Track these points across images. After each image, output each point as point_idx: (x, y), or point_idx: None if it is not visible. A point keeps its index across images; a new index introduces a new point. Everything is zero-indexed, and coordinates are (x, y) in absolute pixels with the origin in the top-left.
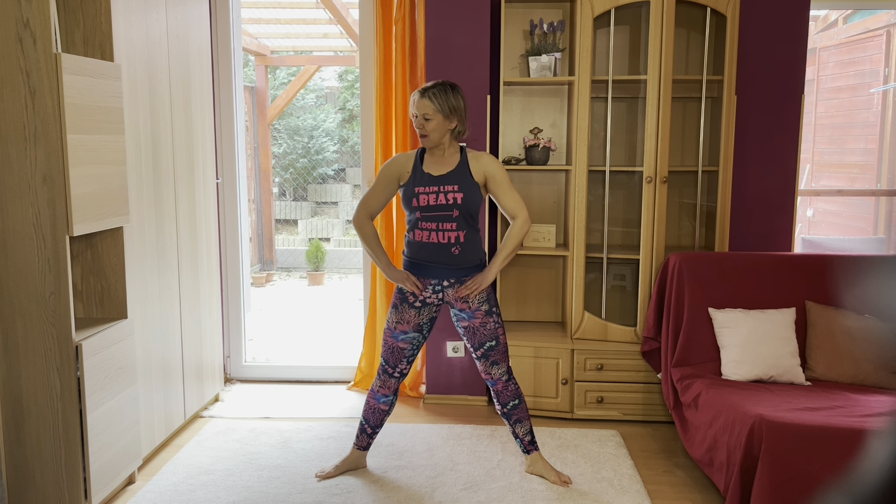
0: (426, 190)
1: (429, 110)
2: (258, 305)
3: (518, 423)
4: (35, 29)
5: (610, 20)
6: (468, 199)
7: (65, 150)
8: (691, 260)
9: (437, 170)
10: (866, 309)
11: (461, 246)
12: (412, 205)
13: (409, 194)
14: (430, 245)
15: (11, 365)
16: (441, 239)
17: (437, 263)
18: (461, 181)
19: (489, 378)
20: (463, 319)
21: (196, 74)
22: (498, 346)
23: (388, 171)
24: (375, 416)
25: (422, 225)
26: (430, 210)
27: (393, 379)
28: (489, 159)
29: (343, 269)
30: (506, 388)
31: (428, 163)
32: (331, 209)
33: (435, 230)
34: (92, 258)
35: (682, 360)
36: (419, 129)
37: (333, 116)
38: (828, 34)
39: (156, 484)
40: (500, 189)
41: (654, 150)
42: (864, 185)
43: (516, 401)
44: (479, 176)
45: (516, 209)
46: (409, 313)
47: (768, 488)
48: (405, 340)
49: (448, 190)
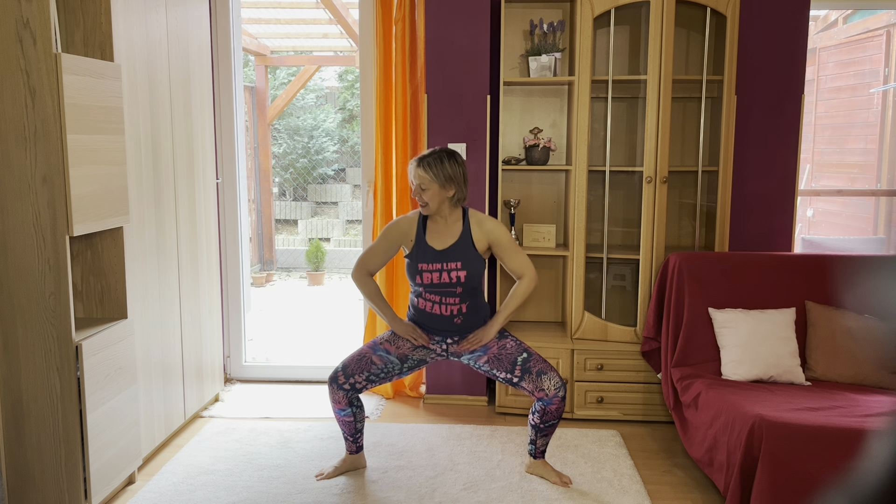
0: (430, 268)
1: (424, 180)
2: (258, 305)
3: (544, 437)
4: (35, 29)
5: (610, 20)
6: (471, 275)
7: (65, 150)
8: (691, 260)
9: (440, 242)
10: (866, 309)
11: (464, 316)
12: (416, 281)
13: (412, 270)
14: (433, 315)
15: (11, 365)
16: (444, 311)
17: (441, 331)
18: (464, 256)
19: (544, 396)
20: (480, 357)
21: (196, 74)
22: (532, 356)
23: (391, 235)
24: (347, 427)
25: (426, 296)
26: (434, 287)
27: (342, 391)
28: (492, 225)
29: (343, 269)
30: (561, 406)
31: (431, 232)
32: (331, 209)
33: (438, 303)
34: (92, 258)
35: (682, 360)
36: (416, 198)
37: (333, 116)
38: (828, 34)
39: (156, 484)
40: (506, 253)
41: (654, 150)
42: (864, 185)
43: (557, 421)
44: (483, 244)
45: (523, 269)
46: (404, 345)
47: (768, 488)
48: (381, 358)
49: (451, 268)
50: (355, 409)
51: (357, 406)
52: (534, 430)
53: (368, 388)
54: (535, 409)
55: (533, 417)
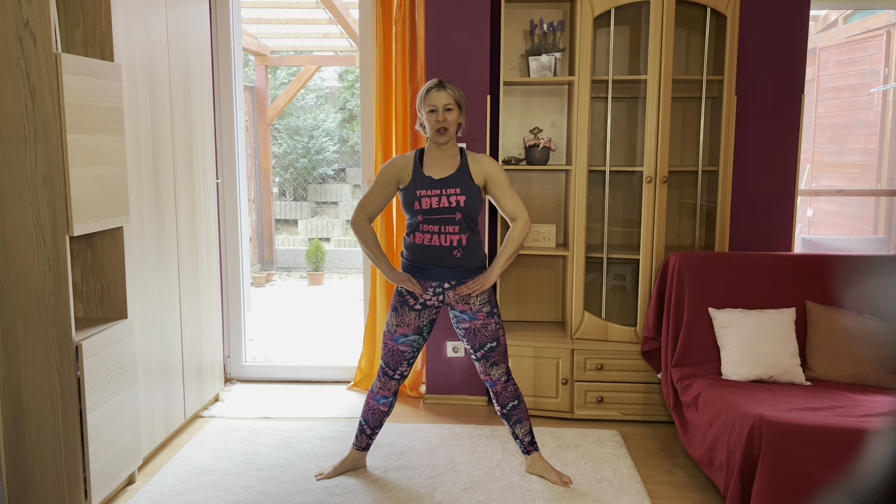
0: (428, 193)
1: (450, 101)
2: (258, 305)
3: (518, 424)
4: (35, 29)
5: (610, 20)
6: (470, 201)
7: (65, 150)
8: (691, 260)
9: (438, 172)
10: (866, 309)
11: (463, 249)
12: (414, 208)
13: (410, 197)
14: (431, 248)
15: (11, 365)
16: (443, 242)
17: (439, 266)
18: (463, 184)
19: (488, 379)
20: (464, 321)
21: (196, 74)
22: (498, 348)
23: (387, 173)
24: (375, 418)
25: (423, 228)
26: (433, 213)
27: (393, 381)
28: (489, 161)
29: (343, 269)
30: (505, 389)
31: (428, 165)
32: (331, 209)
33: (437, 233)
34: (92, 258)
35: (682, 360)
36: (439, 123)
37: (333, 116)
38: (828, 34)
39: (156, 484)
40: (501, 191)
41: (654, 150)
42: (864, 185)
43: (515, 402)
44: (479, 179)
45: (516, 211)
46: (408, 316)
47: (768, 488)
48: (405, 343)
49: (450, 193)
50: (394, 400)
51: (396, 397)
52: (505, 420)
53: (409, 371)
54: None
55: (497, 409)
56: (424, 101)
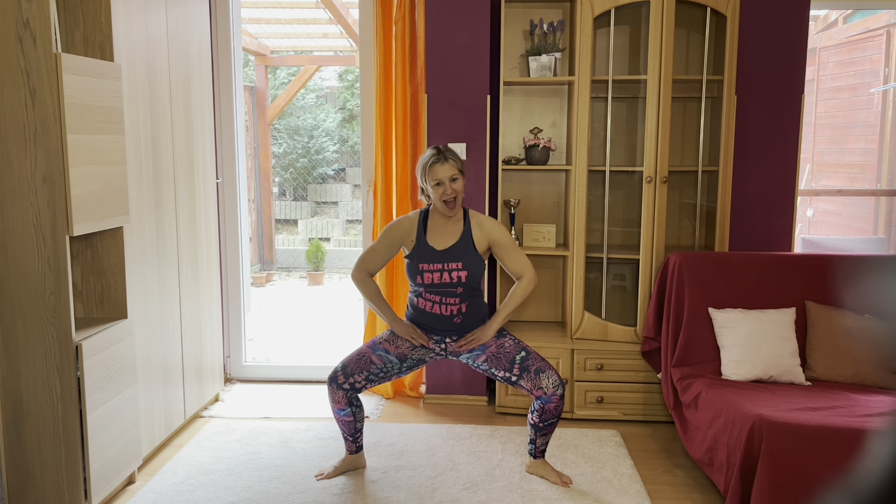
0: (430, 268)
1: (454, 171)
2: (258, 305)
3: (544, 437)
4: (35, 29)
5: (610, 20)
6: (472, 275)
7: (65, 150)
8: (691, 260)
9: (441, 242)
10: (866, 309)
11: (463, 316)
12: (416, 281)
13: (413, 271)
14: (433, 315)
15: (11, 365)
16: (444, 311)
17: (440, 329)
18: (465, 257)
19: (542, 394)
20: (479, 356)
21: (196, 74)
22: (531, 354)
23: (392, 236)
24: (347, 427)
25: (426, 296)
26: (434, 287)
27: (341, 391)
28: (492, 226)
29: (343, 269)
30: (559, 404)
31: (431, 232)
32: (331, 209)
33: (439, 303)
34: (92, 258)
35: (682, 360)
36: (448, 196)
37: (333, 116)
38: (828, 34)
39: (156, 484)
40: (506, 253)
41: (654, 150)
42: (864, 185)
43: (556, 420)
44: (483, 244)
45: (522, 270)
46: (403, 344)
47: (768, 488)
48: (381, 358)
49: (452, 268)
50: (355, 409)
51: (356, 406)
52: (533, 429)
53: (368, 387)
54: (534, 409)
55: (532, 416)
56: (428, 175)
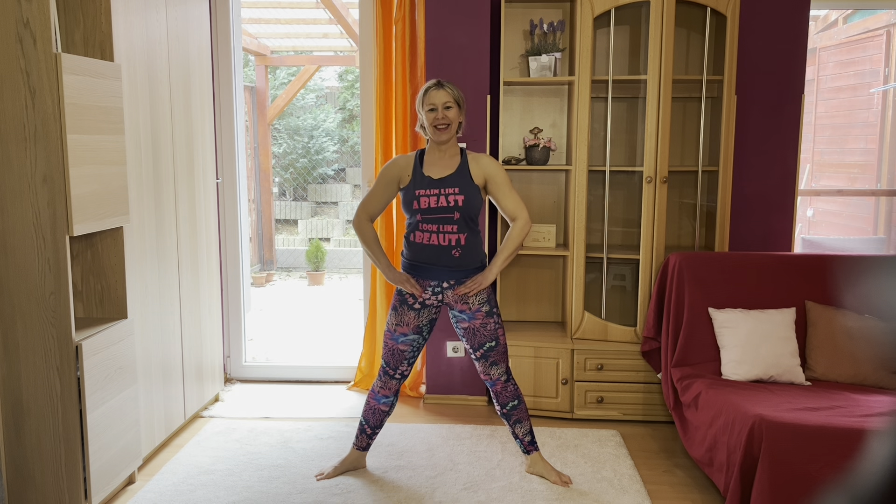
0: (427, 192)
1: (449, 99)
2: (258, 305)
3: (518, 424)
4: (35, 29)
5: (610, 20)
6: (469, 201)
7: (65, 150)
8: (691, 260)
9: (438, 172)
10: (866, 309)
11: (462, 248)
12: (413, 207)
13: (409, 197)
14: (430, 247)
15: (11, 365)
16: (442, 241)
17: (437, 265)
18: (462, 184)
19: (488, 379)
20: (463, 321)
21: (196, 74)
22: (497, 347)
23: (388, 173)
24: (375, 417)
25: (422, 227)
26: (431, 212)
27: (394, 381)
28: (489, 161)
29: (343, 269)
30: (505, 389)
31: (428, 165)
32: (331, 209)
33: (436, 232)
34: (92, 258)
35: (682, 360)
36: (440, 121)
37: (333, 116)
38: (828, 34)
39: (156, 484)
40: (500, 191)
41: (654, 150)
42: (864, 185)
43: (515, 401)
44: (479, 178)
45: (516, 210)
46: (408, 315)
47: (768, 488)
48: (405, 343)
49: (449, 192)
50: (395, 399)
51: (397, 396)
52: (505, 420)
53: (410, 370)
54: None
55: (497, 409)
56: (424, 101)
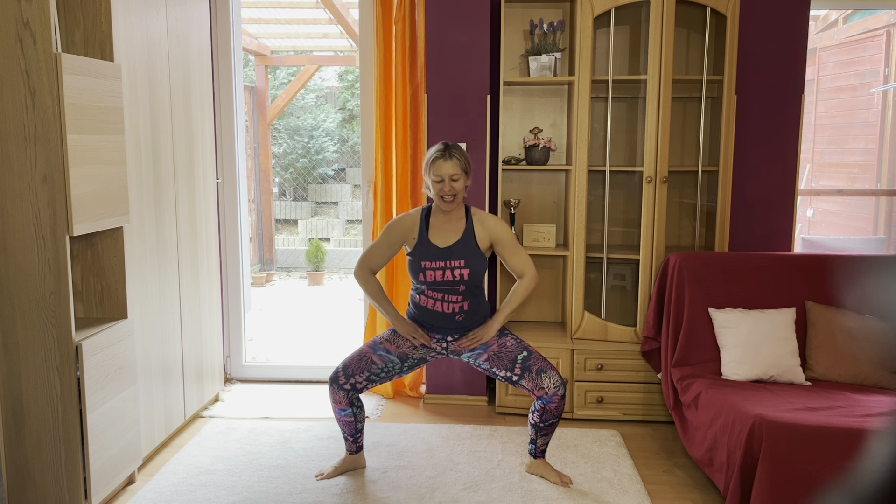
0: (433, 266)
1: (457, 170)
2: (258, 305)
3: (544, 437)
4: (35, 29)
5: (610, 20)
6: (474, 272)
7: (65, 150)
8: (691, 260)
9: (443, 240)
10: (866, 309)
11: (465, 314)
12: (419, 279)
13: (415, 268)
14: (435, 313)
15: (11, 365)
16: (446, 309)
17: (443, 327)
18: (467, 254)
19: (543, 394)
20: (481, 355)
21: (196, 74)
22: (532, 354)
23: (393, 233)
24: (347, 427)
25: (428, 293)
26: (437, 285)
27: (342, 391)
28: (494, 223)
29: (343, 269)
30: (560, 404)
31: (434, 230)
32: (331, 209)
33: (441, 300)
34: (92, 258)
35: (682, 360)
36: (447, 194)
37: (333, 116)
38: (828, 34)
39: (156, 484)
40: (507, 251)
41: (654, 150)
42: (864, 185)
43: (557, 420)
44: (485, 241)
45: (524, 268)
46: (404, 344)
47: (768, 488)
48: (382, 357)
49: (454, 266)
50: (356, 409)
51: (357, 406)
52: (534, 429)
53: (369, 387)
54: (534, 408)
55: (533, 416)
56: (430, 170)
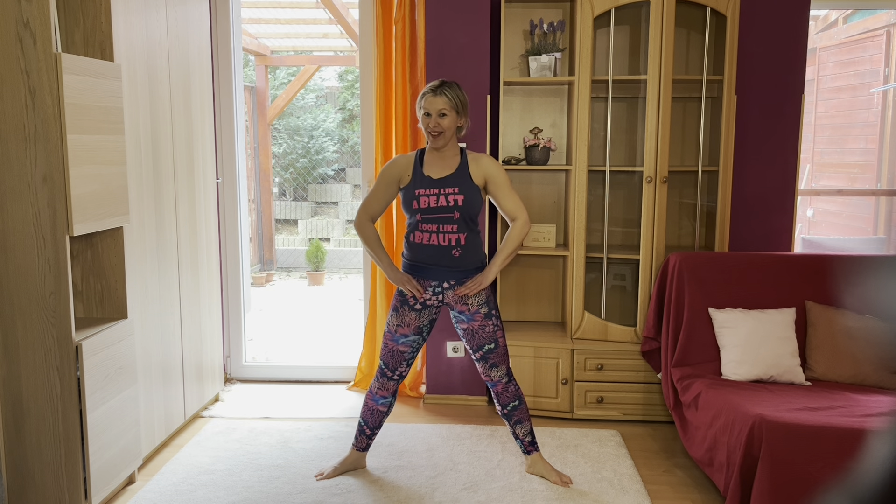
0: (427, 192)
1: (445, 106)
2: (258, 305)
3: (518, 424)
4: (35, 29)
5: (610, 20)
6: (469, 200)
7: (65, 150)
8: (691, 260)
9: (438, 172)
10: (866, 309)
11: (461, 248)
12: (412, 207)
13: (409, 196)
14: (430, 247)
15: (11, 365)
16: (441, 241)
17: (438, 266)
18: (462, 183)
19: (489, 380)
20: (462, 322)
21: (196, 74)
22: (497, 349)
23: (388, 173)
24: (374, 418)
25: (422, 227)
26: (431, 212)
27: (392, 382)
28: (489, 161)
29: (343, 269)
30: (506, 390)
31: (428, 165)
32: (331, 209)
33: (435, 232)
34: (92, 258)
35: (682, 360)
36: (433, 128)
37: (333, 116)
38: (828, 34)
39: (156, 484)
40: (500, 191)
41: (654, 150)
42: (864, 185)
43: (516, 402)
44: (479, 178)
45: (516, 211)
46: (409, 316)
47: (768, 488)
48: (405, 343)
49: (449, 192)
50: (393, 400)
51: (395, 397)
52: (506, 420)
53: (408, 371)
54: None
55: (498, 409)
56: (420, 104)
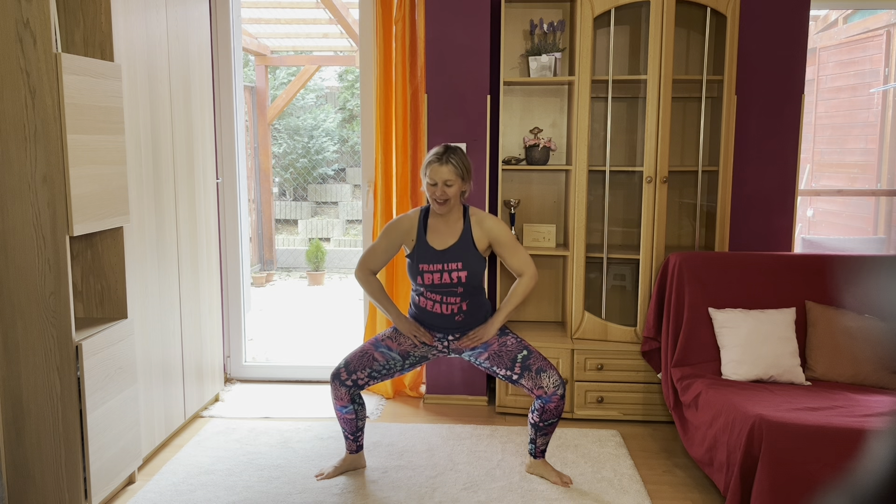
0: (430, 268)
1: (451, 176)
2: (258, 305)
3: (544, 436)
4: (35, 29)
5: (610, 20)
6: (472, 274)
7: (65, 150)
8: (691, 260)
9: (441, 241)
10: (866, 309)
11: (464, 314)
12: (417, 281)
13: (413, 271)
14: (435, 314)
15: (11, 365)
16: (445, 311)
17: (443, 328)
18: (465, 256)
19: (542, 394)
20: (481, 353)
21: (196, 74)
22: (532, 353)
23: (392, 235)
24: (348, 425)
25: (427, 295)
26: (435, 288)
27: (344, 388)
28: (493, 223)
29: (343, 269)
30: (559, 406)
31: (431, 231)
32: (331, 209)
33: (439, 302)
34: (92, 258)
35: (682, 360)
36: (439, 197)
37: (333, 116)
38: (828, 34)
39: (156, 484)
40: (506, 250)
41: (654, 150)
42: (864, 185)
43: (556, 420)
44: (483, 242)
45: (523, 267)
46: (406, 342)
47: (768, 488)
48: (383, 355)
49: (452, 269)
50: (357, 407)
51: (359, 403)
52: (533, 428)
53: (370, 384)
54: (534, 408)
55: (533, 416)
56: (426, 172)
